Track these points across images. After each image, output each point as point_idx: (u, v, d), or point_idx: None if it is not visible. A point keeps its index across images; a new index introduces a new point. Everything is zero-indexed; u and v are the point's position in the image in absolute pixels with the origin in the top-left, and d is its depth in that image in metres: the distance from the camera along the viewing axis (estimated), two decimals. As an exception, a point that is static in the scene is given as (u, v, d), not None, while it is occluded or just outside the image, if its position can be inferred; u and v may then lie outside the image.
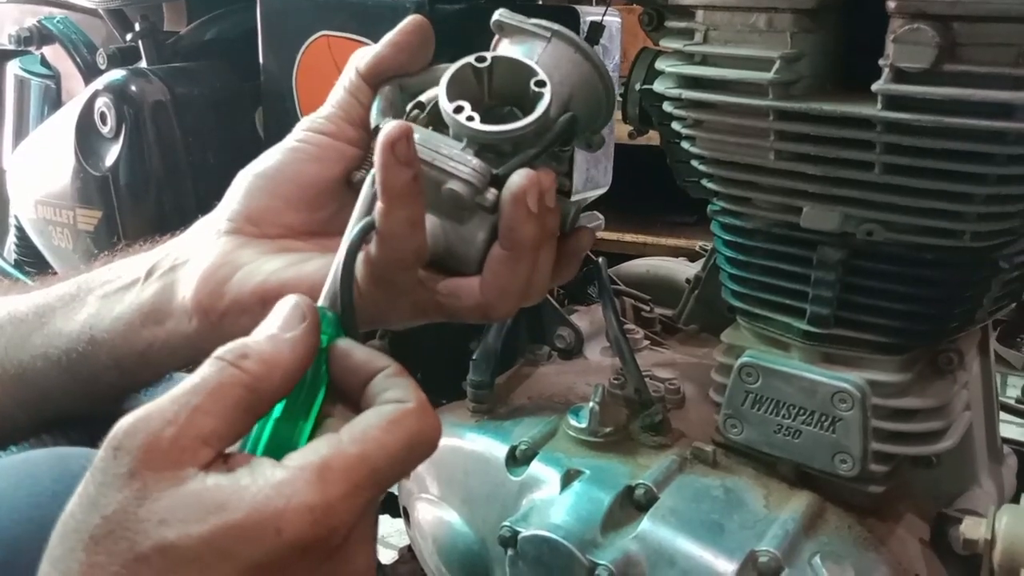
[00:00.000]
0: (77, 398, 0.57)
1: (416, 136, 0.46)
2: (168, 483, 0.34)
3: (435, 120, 0.51)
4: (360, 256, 0.47)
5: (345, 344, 0.42)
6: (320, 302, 0.44)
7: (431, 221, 0.48)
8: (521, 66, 0.49)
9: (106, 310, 0.54)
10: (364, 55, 0.52)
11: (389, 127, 0.44)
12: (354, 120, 0.52)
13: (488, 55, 0.49)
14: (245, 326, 0.50)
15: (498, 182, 0.47)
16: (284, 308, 0.40)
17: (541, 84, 0.48)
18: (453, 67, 0.49)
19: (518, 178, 0.46)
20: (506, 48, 0.52)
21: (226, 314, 0.51)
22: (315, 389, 0.41)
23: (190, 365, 0.58)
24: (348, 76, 0.53)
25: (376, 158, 0.45)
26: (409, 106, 0.52)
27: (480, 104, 0.49)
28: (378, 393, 0.39)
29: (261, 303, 0.48)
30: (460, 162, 0.46)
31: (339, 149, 0.53)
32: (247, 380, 0.37)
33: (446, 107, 0.47)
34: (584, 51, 0.51)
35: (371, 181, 0.47)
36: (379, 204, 0.45)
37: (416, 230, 0.46)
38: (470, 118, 0.47)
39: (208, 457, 0.35)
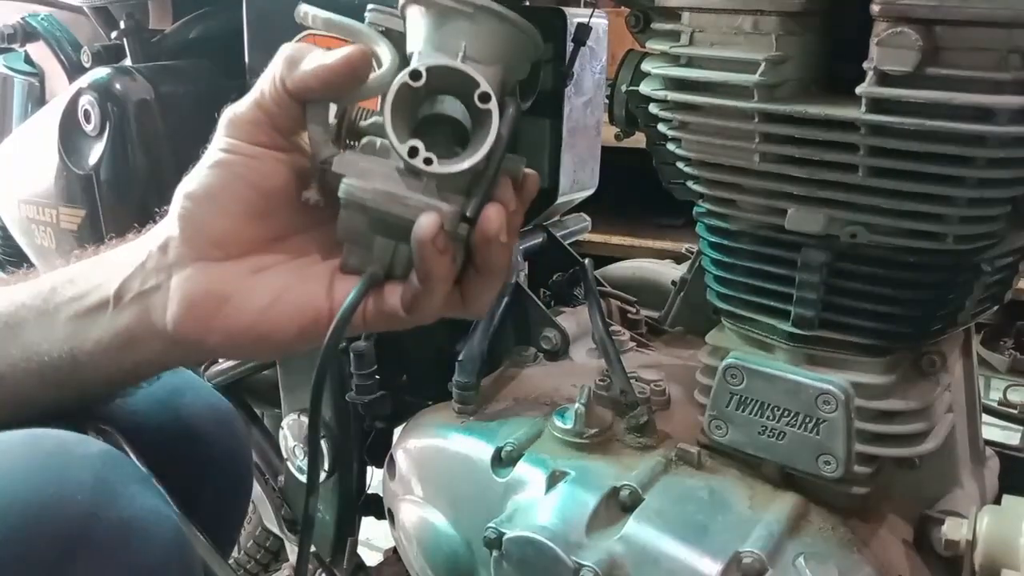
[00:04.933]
0: (65, 402, 0.57)
1: (375, 185, 0.48)
2: None
3: (357, 130, 0.53)
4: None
5: None
6: None
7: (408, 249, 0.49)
8: (459, 74, 0.47)
9: (83, 333, 0.54)
10: (292, 64, 0.51)
11: (425, 226, 0.46)
12: (281, 129, 0.53)
13: (422, 69, 0.46)
14: (241, 353, 0.53)
15: (467, 218, 0.48)
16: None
17: (485, 98, 0.47)
18: (390, 95, 0.47)
19: (488, 223, 0.49)
20: (419, 19, 0.49)
21: (216, 348, 0.54)
22: None
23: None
24: (275, 87, 0.51)
25: (417, 251, 0.48)
26: (339, 113, 0.52)
27: (417, 114, 0.49)
28: None
29: (255, 338, 0.52)
30: (432, 208, 0.47)
31: (274, 157, 0.53)
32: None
33: (400, 150, 0.46)
34: (511, 20, 0.49)
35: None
36: (418, 284, 0.49)
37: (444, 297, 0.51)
38: (427, 160, 0.46)
39: None
